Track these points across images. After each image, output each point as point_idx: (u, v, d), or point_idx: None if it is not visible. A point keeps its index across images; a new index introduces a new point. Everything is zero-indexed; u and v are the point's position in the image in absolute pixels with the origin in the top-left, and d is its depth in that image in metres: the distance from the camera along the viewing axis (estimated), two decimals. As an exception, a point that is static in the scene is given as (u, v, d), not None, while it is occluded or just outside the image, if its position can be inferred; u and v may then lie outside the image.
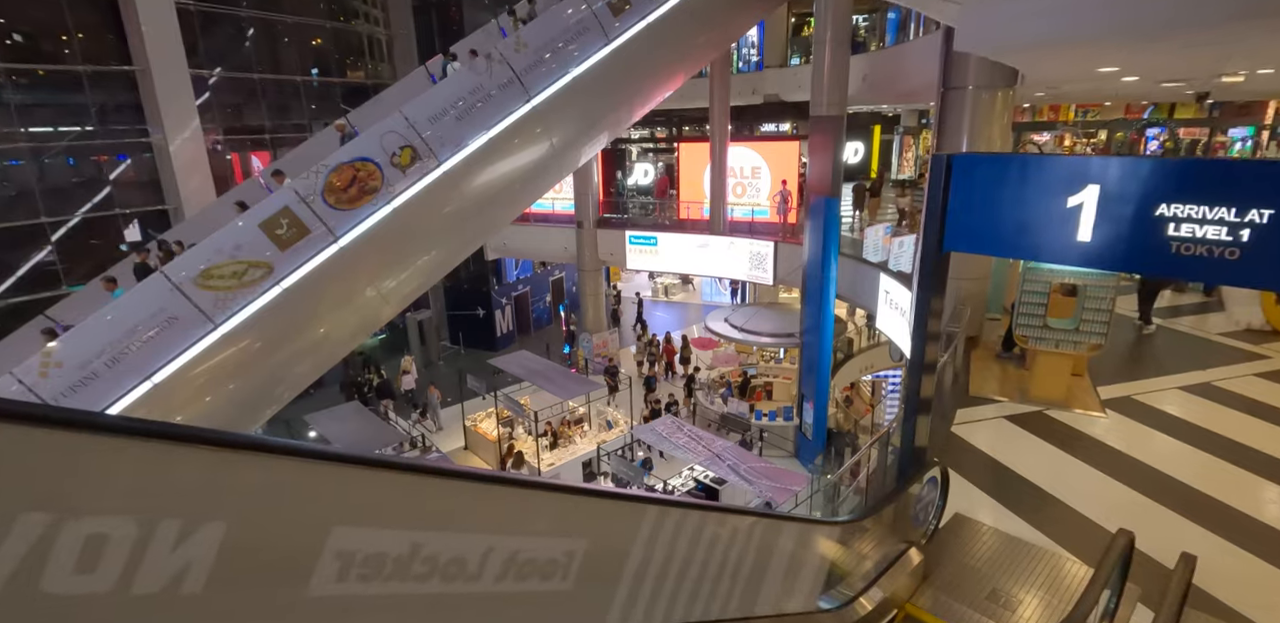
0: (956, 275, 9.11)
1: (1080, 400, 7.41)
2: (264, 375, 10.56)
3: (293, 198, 9.90)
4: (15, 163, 13.25)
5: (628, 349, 19.92)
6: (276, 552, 1.44)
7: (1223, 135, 24.08)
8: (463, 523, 1.92)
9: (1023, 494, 5.81)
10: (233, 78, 16.50)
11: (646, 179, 20.79)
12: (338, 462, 1.56)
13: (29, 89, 13.40)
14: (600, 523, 2.38)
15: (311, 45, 18.77)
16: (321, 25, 18.68)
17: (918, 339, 4.98)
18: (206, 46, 15.71)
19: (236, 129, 16.80)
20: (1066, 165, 3.88)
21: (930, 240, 4.62)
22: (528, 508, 2.10)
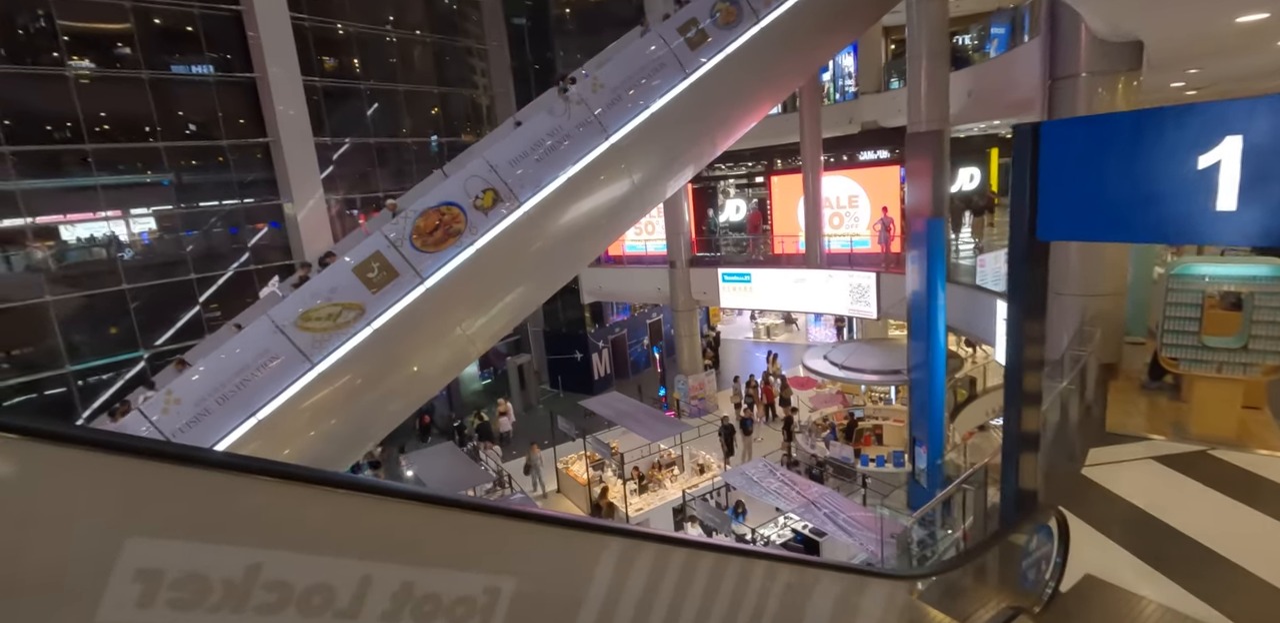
0: (1084, 291, 7.88)
1: (1259, 438, 5.92)
2: (360, 413, 10.99)
3: (383, 242, 10.45)
4: (190, 233, 15.31)
5: (726, 392, 19.11)
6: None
7: None
8: (323, 542, 1.54)
9: (1181, 554, 4.57)
10: (354, 146, 18.25)
11: (739, 215, 20.47)
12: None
13: (196, 171, 15.49)
14: (534, 555, 1.92)
15: (422, 111, 20.48)
16: (431, 91, 20.38)
17: (1013, 356, 4.14)
18: (331, 119, 17.52)
19: (359, 191, 18.41)
20: (1192, 115, 3.08)
21: (1020, 229, 3.87)
22: (421, 529, 1.70)
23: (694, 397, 17.98)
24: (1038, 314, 4.04)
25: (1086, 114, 7.61)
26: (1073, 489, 5.50)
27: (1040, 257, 3.91)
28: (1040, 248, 3.87)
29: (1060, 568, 4.01)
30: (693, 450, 14.68)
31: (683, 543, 2.29)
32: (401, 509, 1.61)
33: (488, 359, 21.11)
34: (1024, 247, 3.85)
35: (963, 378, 16.24)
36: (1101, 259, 7.79)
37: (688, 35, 12.23)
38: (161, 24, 14.71)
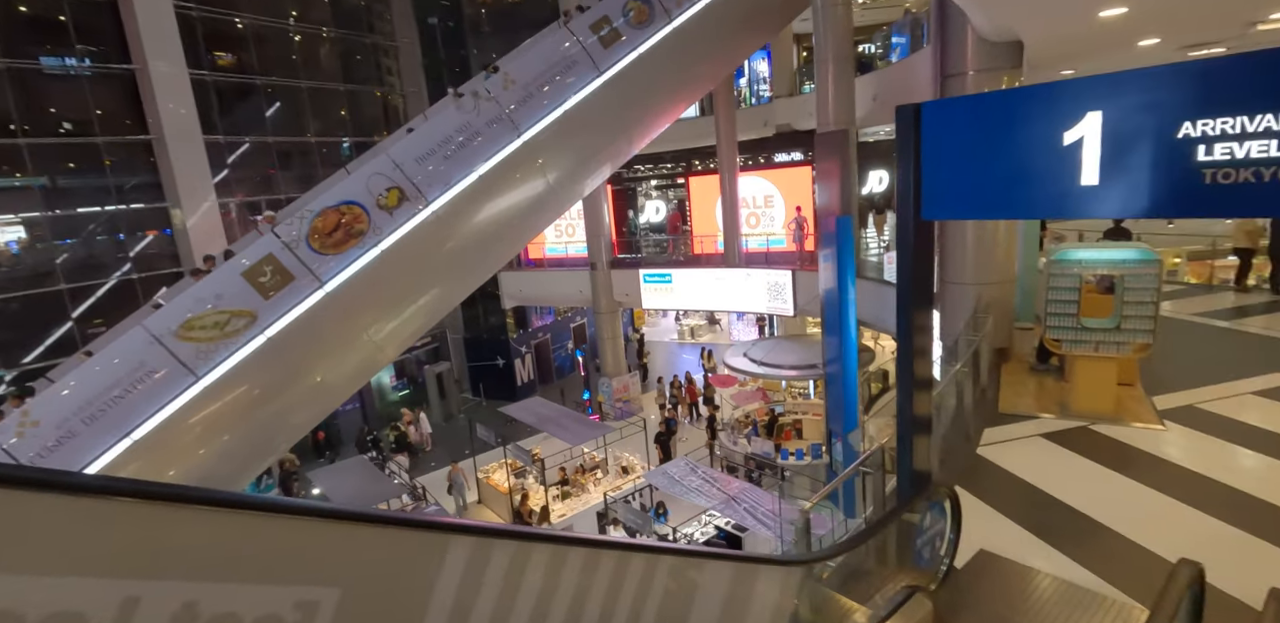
0: (977, 280, 8.23)
1: (1132, 412, 6.30)
2: (259, 426, 10.21)
3: (276, 244, 9.77)
4: (66, 241, 13.85)
5: (651, 393, 19.07)
6: None
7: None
8: (55, 559, 1.23)
9: (1065, 524, 4.76)
10: (254, 147, 17.14)
11: (659, 216, 20.54)
12: None
13: (73, 173, 14.07)
14: (363, 560, 1.68)
15: (330, 111, 19.51)
16: (338, 90, 19.44)
17: (904, 338, 4.18)
18: (226, 118, 16.39)
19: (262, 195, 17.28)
20: (1056, 92, 3.16)
21: (906, 209, 3.90)
22: (203, 536, 1.42)
23: (619, 399, 17.84)
24: (925, 298, 4.08)
25: (973, 111, 7.98)
26: (968, 468, 5.67)
27: (926, 237, 3.96)
28: (926, 228, 3.92)
29: (954, 545, 4.06)
30: (617, 453, 14.52)
31: (545, 539, 2.10)
32: (164, 514, 1.34)
33: (405, 368, 20.26)
34: (910, 227, 3.89)
35: (876, 371, 16.84)
36: (993, 250, 8.17)
37: (601, 33, 12.11)
38: (28, 12, 13.38)
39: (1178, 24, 5.81)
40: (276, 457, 12.26)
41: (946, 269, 8.41)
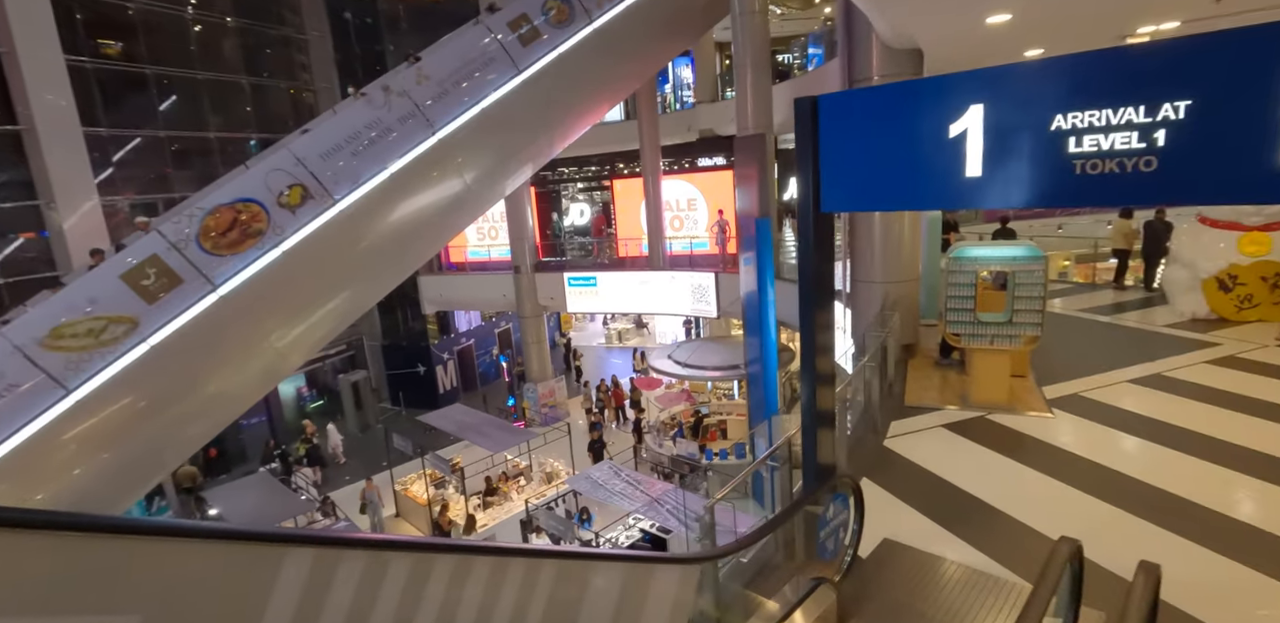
0: (884, 279, 8.52)
1: (1024, 401, 6.65)
2: (146, 441, 9.37)
3: (161, 245, 9.03)
4: None
5: (577, 398, 18.84)
6: None
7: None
8: None
9: (962, 510, 4.92)
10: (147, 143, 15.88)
11: (583, 219, 20.41)
12: None
13: None
14: (167, 579, 1.45)
15: (234, 105, 18.36)
16: (241, 83, 18.33)
17: (806, 333, 4.19)
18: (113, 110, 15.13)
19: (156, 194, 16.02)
20: (942, 86, 3.22)
21: (806, 202, 3.92)
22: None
23: (544, 404, 17.53)
24: (827, 292, 4.10)
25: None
26: (876, 460, 5.80)
27: (826, 230, 3.99)
28: (825, 221, 3.95)
29: (857, 535, 4.11)
30: (541, 459, 14.22)
31: (406, 547, 1.92)
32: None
33: (318, 377, 19.22)
34: (811, 220, 3.90)
35: (797, 370, 17.28)
36: (900, 250, 8.48)
37: (520, 31, 11.88)
38: None
39: (1057, 35, 6.20)
40: (166, 473, 11.32)
41: (857, 268, 8.67)
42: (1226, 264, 8.85)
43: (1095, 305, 10.40)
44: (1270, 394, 6.44)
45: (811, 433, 4.12)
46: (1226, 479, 5.04)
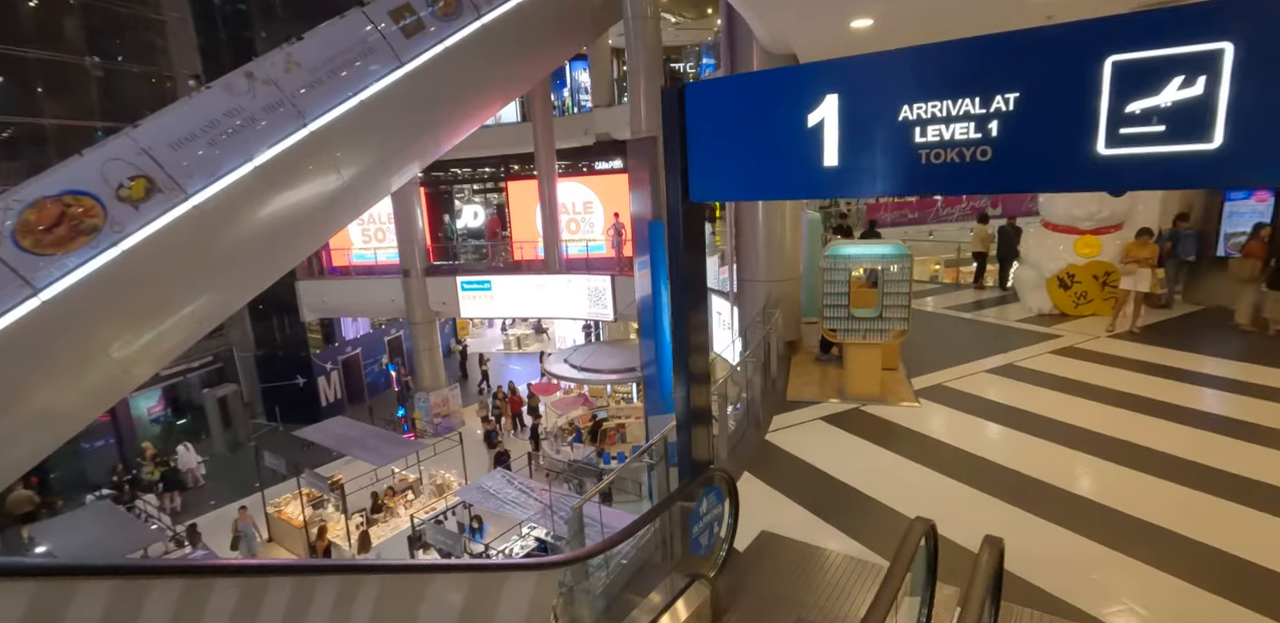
0: (768, 277, 8.75)
1: (895, 392, 6.98)
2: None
3: (-37, 241, 7.80)
4: None
5: (473, 406, 18.18)
6: None
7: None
8: None
9: (838, 499, 5.05)
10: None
11: (477, 221, 19.79)
12: None
13: None
14: None
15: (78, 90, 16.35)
16: (83, 64, 16.38)
17: (679, 330, 4.13)
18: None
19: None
20: (800, 75, 3.24)
21: (675, 192, 3.86)
22: None
23: (437, 414, 16.76)
24: (698, 287, 4.05)
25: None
26: (757, 454, 5.87)
27: (696, 220, 3.95)
28: (695, 211, 3.91)
29: (733, 528, 4.09)
30: (432, 471, 13.55)
31: (229, 572, 1.63)
32: None
33: (179, 392, 17.42)
34: (679, 210, 3.85)
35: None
36: (782, 250, 8.73)
37: (403, 22, 11.31)
38: None
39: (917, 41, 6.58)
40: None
41: (743, 268, 8.86)
42: (1066, 264, 9.79)
43: (958, 303, 11.23)
44: (1102, 380, 7.13)
45: (686, 430, 4.06)
46: (1067, 458, 5.48)
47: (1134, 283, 8.71)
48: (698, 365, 4.07)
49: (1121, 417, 6.19)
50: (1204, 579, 3.83)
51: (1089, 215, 9.54)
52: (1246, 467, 5.10)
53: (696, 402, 4.06)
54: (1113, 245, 9.46)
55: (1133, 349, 8.18)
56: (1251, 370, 7.24)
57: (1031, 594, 3.79)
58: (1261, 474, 4.97)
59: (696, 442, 4.06)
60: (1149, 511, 4.58)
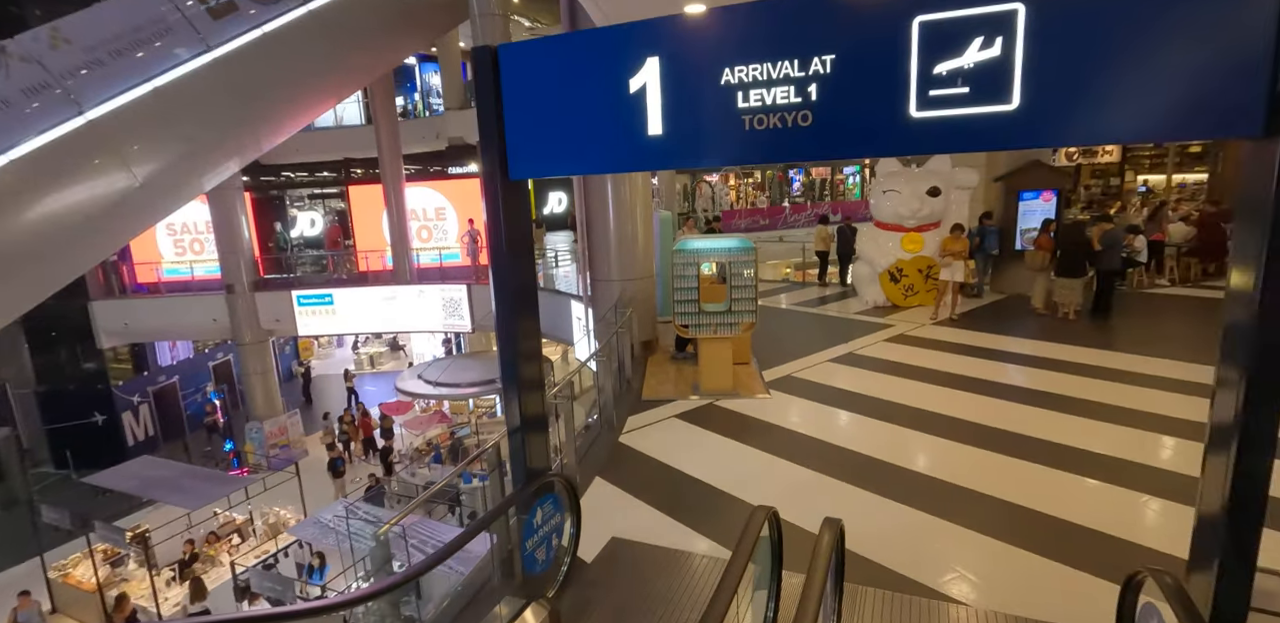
0: (621, 277, 8.57)
1: (747, 386, 7.03)
2: None
3: None
4: None
5: (316, 433, 16.45)
6: None
7: (840, 173, 29.77)
8: None
9: (690, 496, 4.88)
10: None
11: (315, 230, 18.10)
12: None
13: None
14: None
15: None
16: None
17: (506, 336, 3.73)
18: None
19: None
20: (620, 36, 2.99)
21: (492, 171, 3.48)
22: None
23: (273, 445, 14.97)
24: (525, 285, 3.68)
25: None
26: (611, 457, 5.59)
27: (517, 203, 3.59)
28: (516, 191, 3.55)
29: (575, 538, 3.75)
30: (266, 508, 11.99)
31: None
32: None
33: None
34: (498, 190, 3.48)
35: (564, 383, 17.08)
36: (634, 248, 8.60)
37: (211, 2, 9.99)
38: None
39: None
40: None
41: (595, 268, 8.63)
42: (895, 260, 10.54)
43: (805, 300, 11.78)
44: (929, 363, 7.65)
45: (519, 437, 3.67)
46: (902, 436, 5.72)
47: (951, 274, 9.52)
48: (529, 372, 3.71)
49: (947, 395, 6.61)
50: (1024, 540, 4.03)
51: (912, 213, 10.34)
52: (1053, 433, 5.57)
53: (530, 409, 3.69)
54: (933, 241, 10.31)
55: (953, 334, 8.91)
56: (1048, 348, 8.09)
57: (875, 573, 3.79)
58: (1065, 439, 5.44)
59: (531, 449, 3.68)
60: (975, 480, 4.82)
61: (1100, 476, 4.79)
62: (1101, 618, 3.31)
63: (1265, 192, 1.98)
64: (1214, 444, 2.31)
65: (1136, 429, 5.57)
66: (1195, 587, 2.31)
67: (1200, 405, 5.92)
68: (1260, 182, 2.01)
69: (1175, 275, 11.86)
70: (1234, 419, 2.16)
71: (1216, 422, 2.28)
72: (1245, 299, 2.07)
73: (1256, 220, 2.02)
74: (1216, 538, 2.24)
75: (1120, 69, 2.12)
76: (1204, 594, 2.27)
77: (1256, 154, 2.04)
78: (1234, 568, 2.23)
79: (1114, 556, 3.84)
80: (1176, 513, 4.26)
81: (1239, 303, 2.11)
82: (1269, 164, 1.97)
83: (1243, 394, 2.12)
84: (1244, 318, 2.10)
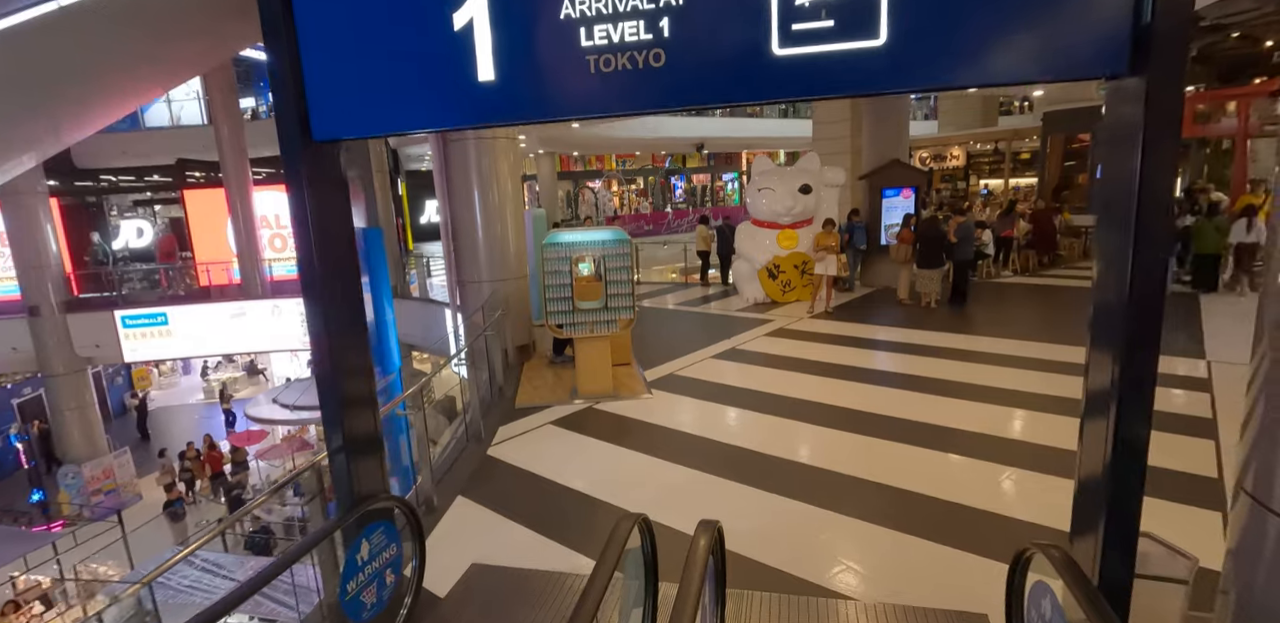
0: (491, 277, 7.97)
1: (628, 386, 6.67)
2: None
3: None
4: None
5: (153, 474, 14.34)
6: None
7: (720, 180, 30.58)
8: None
9: (564, 509, 4.40)
10: None
11: (142, 240, 15.91)
12: None
13: None
14: None
15: None
16: None
17: (319, 347, 3.06)
18: None
19: None
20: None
21: (292, 130, 2.86)
22: None
23: (95, 491, 12.82)
24: (345, 296, 3.04)
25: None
26: (476, 473, 5.00)
27: (329, 175, 2.99)
28: (325, 159, 2.95)
29: (419, 571, 3.16)
30: (85, 565, 10.15)
31: None
32: None
33: None
34: (299, 156, 2.86)
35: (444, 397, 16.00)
36: (505, 245, 8.03)
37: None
38: None
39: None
40: None
41: (464, 270, 7.97)
42: (772, 256, 10.66)
43: (687, 299, 11.69)
44: (807, 354, 7.66)
45: (343, 458, 3.03)
46: (785, 428, 5.55)
47: (825, 268, 9.71)
48: (352, 386, 3.07)
49: (825, 384, 6.58)
50: (908, 524, 3.90)
51: (786, 210, 10.50)
52: (926, 414, 5.61)
53: (355, 427, 3.06)
54: (807, 237, 10.51)
55: (829, 326, 9.05)
56: (915, 335, 8.37)
57: (761, 574, 3.49)
58: (938, 419, 5.49)
59: (360, 471, 3.06)
60: (855, 466, 4.70)
61: (973, 453, 4.82)
62: (993, 598, 3.18)
63: (1135, 129, 1.86)
64: (1090, 412, 2.17)
65: (1002, 406, 5.73)
66: (1080, 556, 2.16)
67: (1054, 380, 6.28)
68: (1127, 119, 1.89)
69: (1017, 266, 12.92)
70: (1110, 385, 2.02)
71: (1092, 390, 2.14)
72: (1116, 242, 1.94)
73: (1124, 154, 1.88)
74: (1100, 504, 2.09)
75: (988, 4, 1.96)
76: (1089, 563, 2.12)
77: (1122, 93, 1.93)
78: (1118, 533, 2.08)
79: (997, 533, 3.78)
80: (1049, 485, 4.31)
81: (1110, 246, 1.98)
82: (1136, 101, 1.86)
83: (1119, 357, 1.98)
84: (1113, 272, 1.98)
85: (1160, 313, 1.94)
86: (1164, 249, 1.99)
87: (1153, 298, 1.93)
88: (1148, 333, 1.97)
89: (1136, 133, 1.85)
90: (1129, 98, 1.90)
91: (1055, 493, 4.20)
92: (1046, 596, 2.02)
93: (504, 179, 7.74)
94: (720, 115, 28.00)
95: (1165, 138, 1.85)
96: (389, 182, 13.43)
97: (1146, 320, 1.96)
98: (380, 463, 3.25)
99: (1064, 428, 5.18)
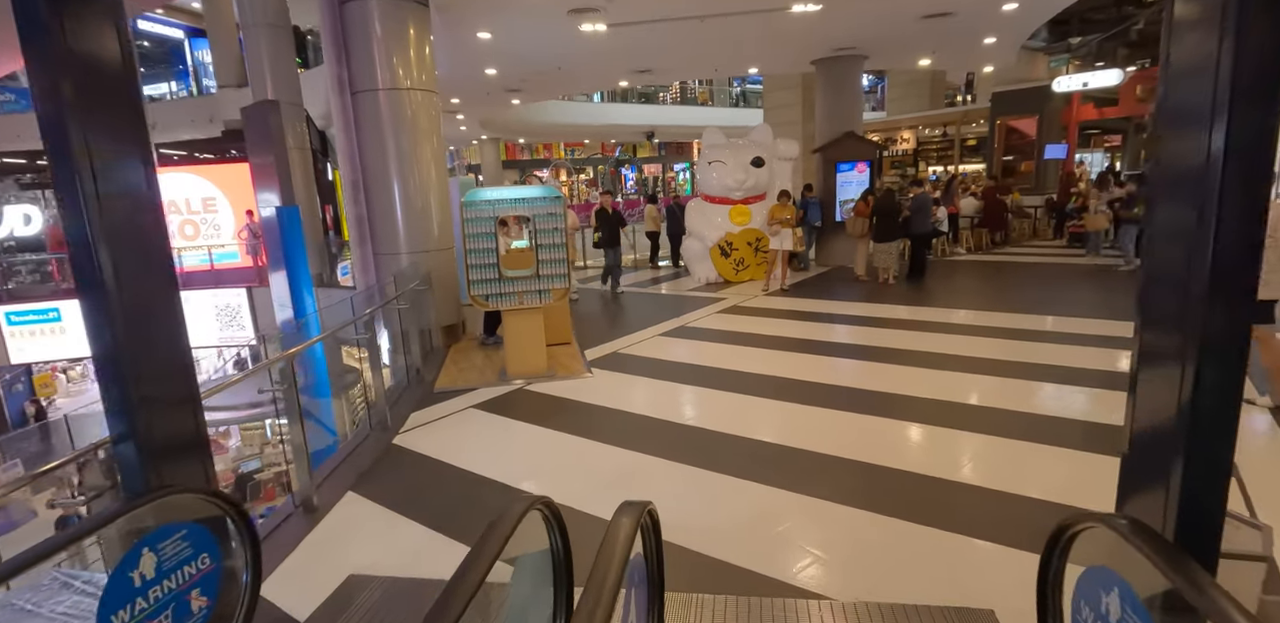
0: (410, 249, 7.09)
1: (565, 366, 5.93)
2: None
3: None
4: None
5: (45, 493, 12.88)
6: None
7: (671, 170, 30.03)
8: None
9: (475, 503, 3.64)
10: None
11: (30, 228, 14.31)
12: None
13: None
14: None
15: None
16: None
17: (97, 339, 2.24)
18: None
19: None
20: None
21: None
22: None
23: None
24: (157, 276, 2.23)
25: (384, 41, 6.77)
26: (374, 465, 4.20)
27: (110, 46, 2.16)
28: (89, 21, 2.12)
29: (251, 590, 2.37)
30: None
31: None
32: None
33: None
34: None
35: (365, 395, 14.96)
36: (428, 212, 7.14)
37: None
38: None
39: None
40: None
41: (379, 240, 7.07)
42: (724, 233, 10.07)
43: (636, 281, 11.01)
44: (761, 329, 7.10)
45: (129, 449, 2.21)
46: (741, 404, 4.91)
47: (780, 242, 9.16)
48: (180, 389, 2.27)
49: (783, 358, 5.98)
50: (883, 504, 3.29)
51: (738, 185, 9.92)
52: (889, 385, 5.06)
53: (143, 409, 2.23)
54: (760, 213, 9.96)
55: (784, 303, 8.49)
56: (875, 308, 7.89)
57: (718, 573, 2.81)
58: (904, 389, 4.95)
59: (189, 476, 2.25)
60: (821, 442, 4.08)
61: (944, 422, 4.27)
62: (990, 589, 2.57)
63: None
64: (1151, 355, 1.53)
65: (972, 374, 5.23)
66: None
67: (1031, 348, 5.86)
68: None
69: (970, 244, 12.67)
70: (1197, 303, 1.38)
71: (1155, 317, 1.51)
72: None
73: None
74: (1164, 468, 1.46)
75: None
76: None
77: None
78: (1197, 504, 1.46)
79: (981, 509, 3.21)
80: (1026, 452, 3.78)
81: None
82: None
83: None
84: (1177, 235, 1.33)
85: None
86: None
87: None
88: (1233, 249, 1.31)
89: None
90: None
91: (1038, 460, 3.66)
92: (1112, 590, 1.39)
93: (424, 134, 6.89)
94: (671, 103, 27.41)
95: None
96: (310, 160, 12.31)
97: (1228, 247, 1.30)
98: (202, 455, 2.43)
99: (1040, 395, 4.69)
